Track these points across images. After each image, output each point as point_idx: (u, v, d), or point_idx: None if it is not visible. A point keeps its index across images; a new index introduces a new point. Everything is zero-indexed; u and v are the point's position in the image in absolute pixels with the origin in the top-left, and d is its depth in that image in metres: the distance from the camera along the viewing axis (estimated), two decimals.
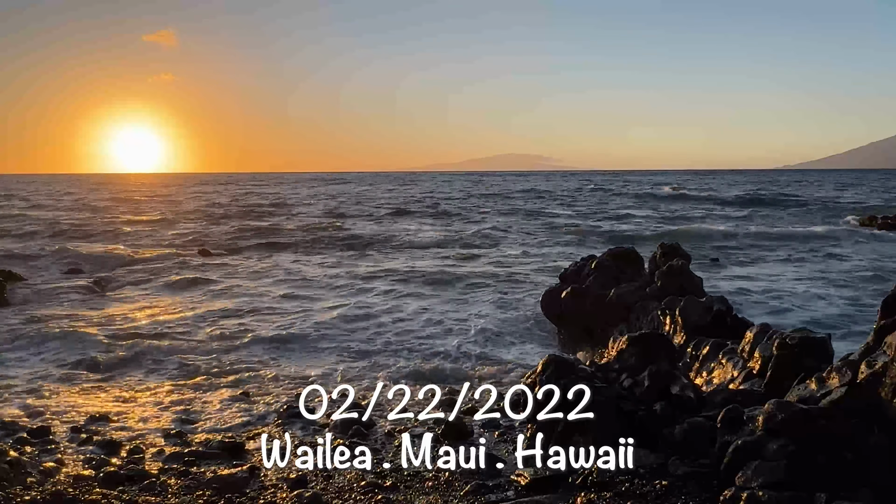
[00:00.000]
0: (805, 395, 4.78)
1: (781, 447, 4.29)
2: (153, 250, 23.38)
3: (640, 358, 6.17)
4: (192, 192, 73.74)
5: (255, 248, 24.85)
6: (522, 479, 4.95)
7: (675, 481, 4.70)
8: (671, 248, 9.97)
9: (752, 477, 4.26)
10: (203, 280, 17.25)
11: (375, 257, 22.42)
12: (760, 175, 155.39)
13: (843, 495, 4.01)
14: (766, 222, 34.96)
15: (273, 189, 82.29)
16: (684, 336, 7.48)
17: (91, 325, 12.06)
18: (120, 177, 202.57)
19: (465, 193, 67.59)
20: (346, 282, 16.94)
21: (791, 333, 5.73)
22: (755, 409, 4.74)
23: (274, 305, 14.00)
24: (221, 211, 44.21)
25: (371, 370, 9.28)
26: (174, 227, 32.79)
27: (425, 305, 13.78)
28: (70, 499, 4.86)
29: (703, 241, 26.05)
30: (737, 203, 50.30)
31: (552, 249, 24.23)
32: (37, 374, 9.13)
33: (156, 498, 5.03)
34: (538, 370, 5.99)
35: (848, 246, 24.69)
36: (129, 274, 18.55)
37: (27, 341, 10.91)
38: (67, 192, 75.98)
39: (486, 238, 27.75)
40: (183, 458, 5.90)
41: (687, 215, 40.24)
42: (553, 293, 10.36)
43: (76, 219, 37.12)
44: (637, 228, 32.27)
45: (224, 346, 10.66)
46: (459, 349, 10.27)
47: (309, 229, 30.84)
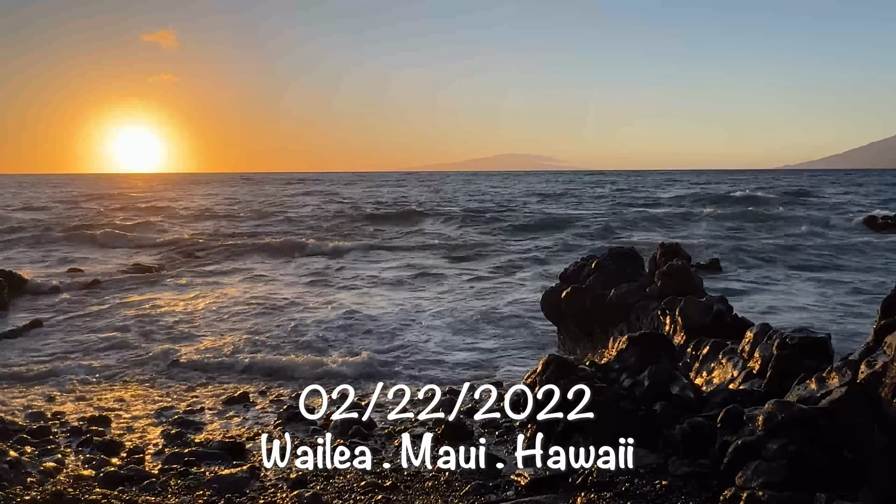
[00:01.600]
0: (805, 395, 4.78)
1: (781, 447, 4.29)
2: (157, 248, 23.39)
3: (640, 358, 6.16)
4: (203, 193, 72.71)
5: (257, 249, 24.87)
6: (522, 479, 4.95)
7: (675, 481, 4.70)
8: (672, 247, 9.96)
9: (752, 477, 4.26)
10: (204, 279, 17.26)
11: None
12: (759, 175, 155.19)
13: (843, 495, 4.01)
14: (766, 227, 32.60)
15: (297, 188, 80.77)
16: (684, 336, 7.47)
17: (91, 324, 12.06)
18: (119, 177, 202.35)
19: (504, 197, 60.14)
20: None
21: (791, 333, 5.72)
22: (755, 409, 4.74)
23: (275, 307, 14.00)
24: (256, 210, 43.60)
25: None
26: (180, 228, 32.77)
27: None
28: (70, 499, 4.86)
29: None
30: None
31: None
32: (37, 374, 9.13)
33: (156, 498, 5.03)
34: (538, 370, 6.00)
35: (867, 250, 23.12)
36: (129, 274, 18.55)
37: (27, 341, 10.92)
38: (58, 192, 75.72)
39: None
40: (183, 458, 5.90)
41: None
42: (553, 293, 10.35)
43: (71, 217, 37.09)
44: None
45: (226, 346, 10.66)
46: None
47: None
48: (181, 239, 27.58)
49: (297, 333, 11.38)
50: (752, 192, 56.66)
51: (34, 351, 10.42)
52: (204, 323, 12.33)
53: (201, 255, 22.55)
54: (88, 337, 11.15)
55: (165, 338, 11.17)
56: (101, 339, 10.97)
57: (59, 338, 11.13)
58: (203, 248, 23.96)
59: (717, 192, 61.17)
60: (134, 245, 25.74)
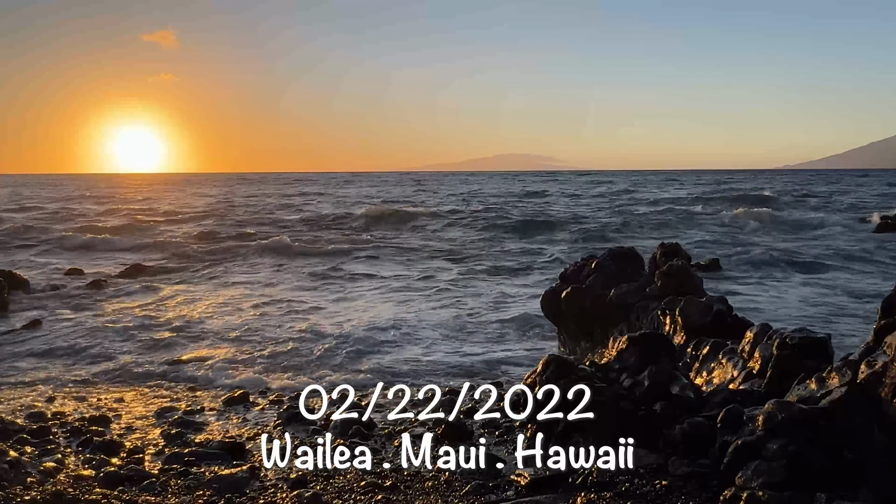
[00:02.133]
0: (805, 395, 4.77)
1: (781, 447, 4.28)
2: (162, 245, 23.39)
3: (640, 358, 6.16)
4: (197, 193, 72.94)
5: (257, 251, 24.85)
6: (522, 479, 4.95)
7: (675, 481, 4.69)
8: (672, 247, 9.95)
9: (752, 477, 4.26)
10: (203, 280, 17.27)
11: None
12: (759, 175, 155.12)
13: (843, 495, 4.01)
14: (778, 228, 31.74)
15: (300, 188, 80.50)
16: (684, 336, 7.47)
17: (91, 324, 12.06)
18: (119, 177, 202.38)
19: (505, 197, 59.67)
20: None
21: (791, 333, 5.72)
22: (755, 409, 4.73)
23: (275, 307, 14.01)
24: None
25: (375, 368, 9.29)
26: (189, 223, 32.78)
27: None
28: (70, 499, 4.85)
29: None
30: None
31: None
32: (37, 374, 9.14)
33: (156, 498, 5.03)
34: (538, 370, 5.99)
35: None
36: (129, 274, 18.55)
37: (27, 341, 10.92)
38: (59, 192, 75.68)
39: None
40: (183, 458, 5.89)
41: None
42: (553, 293, 10.34)
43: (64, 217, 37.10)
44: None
45: (226, 347, 10.67)
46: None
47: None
48: (181, 240, 27.59)
49: (297, 336, 11.38)
50: (752, 193, 56.68)
51: (34, 351, 10.42)
52: (204, 323, 12.33)
53: (201, 256, 22.55)
54: (89, 337, 11.14)
55: (165, 338, 11.16)
56: (102, 339, 10.97)
57: (58, 338, 11.13)
58: (202, 250, 23.96)
59: (717, 193, 61.21)
60: (134, 245, 25.75)
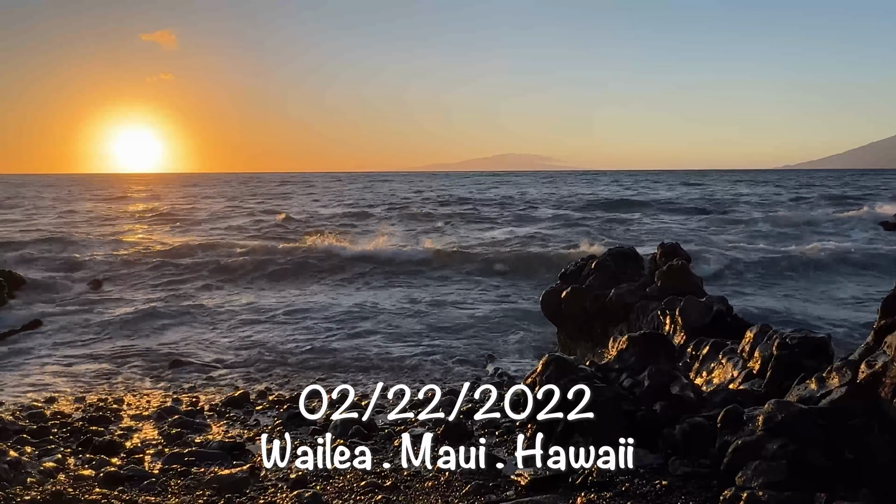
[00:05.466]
0: (805, 395, 4.78)
1: (781, 447, 4.28)
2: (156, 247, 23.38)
3: (640, 358, 6.15)
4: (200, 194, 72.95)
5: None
6: (522, 479, 4.95)
7: (675, 481, 4.69)
8: (671, 247, 9.95)
9: (752, 477, 4.26)
10: (203, 280, 17.26)
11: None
12: (759, 175, 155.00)
13: (843, 495, 4.01)
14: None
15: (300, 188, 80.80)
16: (684, 336, 7.46)
17: (92, 324, 12.06)
18: (119, 177, 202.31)
19: (504, 198, 58.42)
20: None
21: (791, 333, 5.72)
22: (755, 409, 4.73)
23: (273, 308, 14.01)
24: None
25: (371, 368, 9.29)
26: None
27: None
28: (70, 499, 4.86)
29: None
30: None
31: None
32: (37, 374, 9.14)
33: (156, 498, 5.03)
34: (538, 370, 5.99)
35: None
36: (129, 274, 18.55)
37: (27, 341, 10.92)
38: (58, 192, 75.56)
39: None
40: (183, 458, 5.89)
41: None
42: (553, 293, 10.34)
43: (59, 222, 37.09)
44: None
45: (226, 347, 10.67)
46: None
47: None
48: (181, 241, 27.56)
49: (297, 338, 11.38)
50: (753, 192, 56.61)
51: (34, 351, 10.42)
52: (204, 324, 12.33)
53: (200, 257, 22.52)
54: (88, 337, 11.15)
55: (165, 338, 11.17)
56: (102, 339, 10.97)
57: (58, 337, 11.14)
58: (202, 250, 23.93)
59: (717, 193, 61.19)
60: (134, 246, 25.73)
